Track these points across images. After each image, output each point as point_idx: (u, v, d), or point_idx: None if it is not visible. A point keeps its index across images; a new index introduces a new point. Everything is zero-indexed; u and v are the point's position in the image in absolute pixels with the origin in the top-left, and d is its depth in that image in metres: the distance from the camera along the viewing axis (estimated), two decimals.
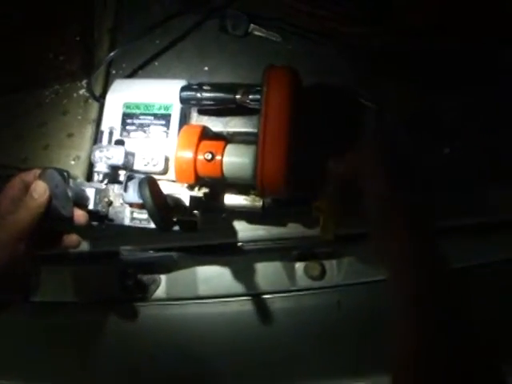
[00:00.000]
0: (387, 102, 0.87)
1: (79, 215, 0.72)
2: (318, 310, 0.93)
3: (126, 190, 0.73)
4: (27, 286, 0.80)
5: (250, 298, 0.95)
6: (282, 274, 0.94)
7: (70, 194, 0.72)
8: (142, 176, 0.74)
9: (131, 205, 0.75)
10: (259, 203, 0.79)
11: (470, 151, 0.84)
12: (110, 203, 0.76)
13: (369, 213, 0.66)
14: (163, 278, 0.98)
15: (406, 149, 0.80)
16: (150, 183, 0.66)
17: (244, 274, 0.94)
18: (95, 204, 0.75)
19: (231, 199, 0.80)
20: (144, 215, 0.75)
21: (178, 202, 0.74)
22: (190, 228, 0.76)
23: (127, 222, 0.76)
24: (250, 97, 0.76)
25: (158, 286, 0.97)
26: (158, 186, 0.69)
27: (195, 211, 0.75)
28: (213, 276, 0.95)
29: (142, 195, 0.65)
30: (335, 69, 0.89)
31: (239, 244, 0.88)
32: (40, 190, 0.66)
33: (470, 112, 0.85)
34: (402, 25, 0.85)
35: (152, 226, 0.74)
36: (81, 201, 0.73)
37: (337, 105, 0.87)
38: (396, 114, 0.86)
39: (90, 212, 0.75)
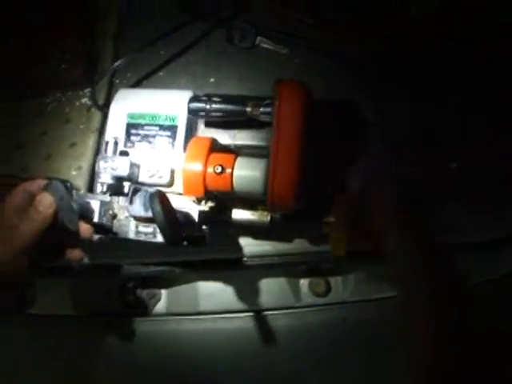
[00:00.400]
0: (392, 115, 0.86)
1: (84, 229, 0.70)
2: (322, 327, 0.91)
3: (131, 202, 0.71)
4: (24, 297, 0.78)
5: (253, 314, 0.93)
6: (287, 290, 0.93)
7: (74, 206, 0.70)
8: (148, 189, 0.72)
9: (136, 218, 0.73)
10: (267, 218, 0.77)
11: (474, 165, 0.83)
12: (114, 216, 0.74)
13: (379, 234, 0.66)
14: (164, 292, 0.96)
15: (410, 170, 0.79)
16: (160, 197, 0.64)
17: (247, 290, 0.92)
18: (100, 217, 0.73)
19: (238, 214, 0.78)
20: (149, 229, 0.73)
21: (186, 216, 0.72)
22: (198, 243, 0.74)
23: (132, 235, 0.74)
24: (261, 110, 0.75)
25: (158, 301, 0.95)
26: (168, 200, 0.67)
27: (204, 226, 0.74)
28: (215, 291, 0.93)
29: (152, 209, 0.63)
30: (342, 82, 0.88)
31: (244, 259, 0.86)
32: (46, 202, 0.64)
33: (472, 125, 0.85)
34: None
35: (157, 240, 0.72)
36: (85, 213, 0.71)
37: (343, 118, 0.86)
38: (399, 129, 0.86)
39: (94, 225, 0.73)
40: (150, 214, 0.69)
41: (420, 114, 0.86)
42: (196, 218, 0.72)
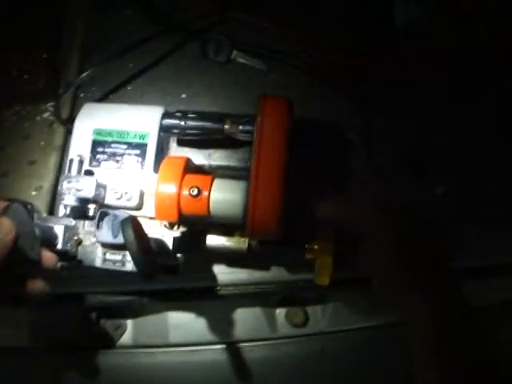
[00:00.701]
0: (379, 136, 0.83)
1: (48, 258, 0.63)
2: (300, 358, 0.86)
3: (98, 227, 0.65)
4: None
5: (226, 346, 0.86)
6: (262, 321, 0.87)
7: (36, 231, 0.63)
8: (117, 213, 0.66)
9: (104, 245, 0.67)
10: (244, 245, 0.72)
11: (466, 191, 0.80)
12: (79, 242, 0.68)
13: (372, 265, 0.62)
14: (130, 323, 0.88)
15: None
16: (133, 224, 0.58)
17: (220, 321, 0.86)
18: (64, 243, 0.66)
19: (213, 240, 0.72)
20: (118, 256, 0.66)
21: (160, 244, 0.66)
22: (171, 272, 0.68)
23: (99, 263, 0.67)
24: (240, 127, 0.70)
25: (123, 332, 0.88)
26: (141, 226, 0.61)
27: (178, 254, 0.68)
28: (185, 322, 0.86)
29: (125, 238, 0.57)
30: (322, 100, 0.85)
31: (217, 288, 0.80)
32: (5, 229, 0.57)
33: (467, 147, 0.82)
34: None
35: (127, 268, 0.66)
36: (48, 239, 0.65)
37: (324, 138, 0.82)
38: (388, 149, 0.82)
39: (57, 252, 0.66)
40: (118, 241, 0.63)
41: (410, 134, 0.82)
42: (170, 245, 0.67)
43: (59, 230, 0.66)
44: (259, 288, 0.80)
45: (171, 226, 0.68)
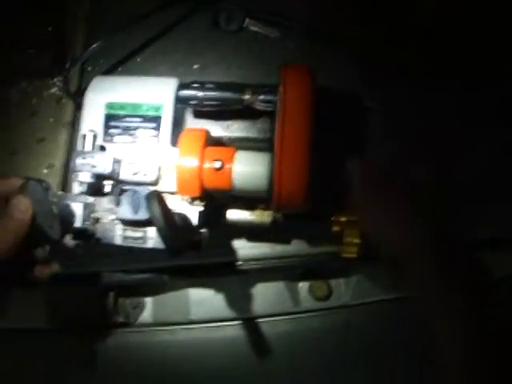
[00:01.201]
0: (396, 106, 0.80)
1: (41, 269, 0.61)
2: (324, 332, 0.85)
3: (118, 204, 0.63)
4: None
5: (248, 321, 0.85)
6: (285, 295, 0.85)
7: (54, 210, 0.60)
8: (136, 188, 0.64)
9: (123, 221, 0.64)
10: (268, 218, 0.70)
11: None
12: (97, 219, 0.66)
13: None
14: (149, 301, 0.87)
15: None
16: (158, 199, 0.55)
17: (241, 296, 0.85)
18: (82, 221, 0.64)
19: (235, 214, 0.70)
20: (138, 233, 0.64)
21: (184, 219, 0.63)
22: (194, 248, 0.66)
23: (118, 241, 0.65)
24: (261, 97, 0.67)
25: (142, 310, 0.87)
26: (165, 202, 0.59)
27: (203, 229, 0.66)
28: (206, 298, 0.85)
29: (151, 213, 0.54)
30: (338, 68, 0.82)
31: (239, 263, 0.79)
32: (22, 207, 0.55)
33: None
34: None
35: (148, 245, 0.64)
36: (66, 218, 0.62)
37: (344, 107, 0.79)
38: (405, 118, 0.80)
39: (75, 230, 0.64)
40: (139, 217, 0.61)
41: (428, 105, 0.80)
42: (194, 220, 0.64)
43: (77, 207, 0.64)
44: (282, 262, 0.79)
45: (193, 200, 0.66)
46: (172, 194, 0.66)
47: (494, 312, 0.53)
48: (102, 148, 0.70)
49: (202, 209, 0.65)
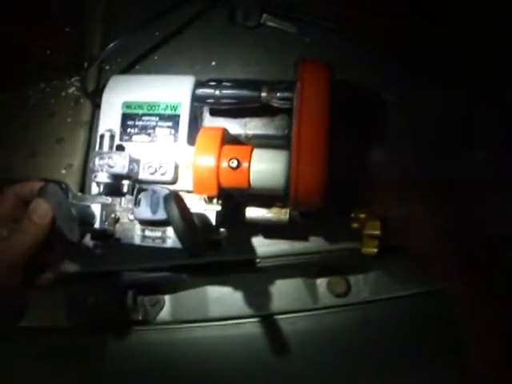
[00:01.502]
0: (414, 100, 0.79)
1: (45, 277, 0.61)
2: (343, 329, 0.84)
3: (136, 204, 0.63)
4: (19, 314, 0.69)
5: (267, 318, 0.85)
6: (303, 292, 0.85)
7: (73, 212, 0.61)
8: (155, 188, 0.64)
9: (142, 221, 0.65)
10: (285, 216, 0.70)
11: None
12: (116, 220, 0.66)
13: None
14: (167, 298, 0.87)
15: None
16: (176, 199, 0.55)
17: (260, 293, 0.85)
18: (101, 222, 0.64)
19: (253, 212, 0.70)
20: (157, 233, 0.65)
21: (203, 219, 0.63)
22: (213, 247, 0.66)
23: (138, 241, 0.65)
24: (278, 94, 0.67)
25: (161, 308, 0.87)
26: (184, 202, 0.59)
27: (221, 228, 0.66)
28: (225, 296, 0.85)
29: (169, 214, 0.54)
30: (356, 63, 0.81)
31: (257, 260, 0.79)
32: (41, 211, 0.55)
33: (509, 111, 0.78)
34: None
35: (167, 245, 0.64)
36: (85, 219, 0.63)
37: (364, 104, 0.79)
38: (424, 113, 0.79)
39: (94, 231, 0.64)
40: (158, 217, 0.62)
41: (448, 100, 0.79)
42: (213, 219, 0.64)
43: (96, 208, 0.64)
44: (300, 259, 0.79)
45: (210, 199, 0.66)
46: (190, 192, 0.67)
47: None
48: (121, 147, 0.70)
49: (219, 208, 0.65)
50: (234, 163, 0.63)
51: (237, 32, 0.83)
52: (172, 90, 0.72)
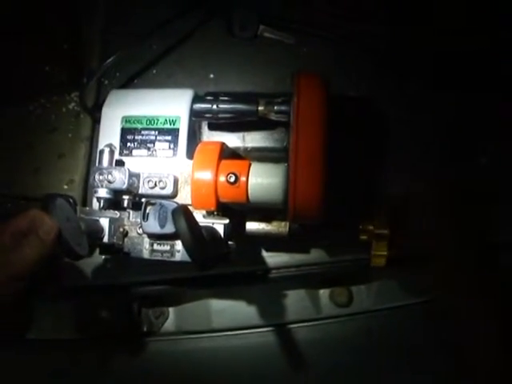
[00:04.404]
0: (417, 108, 0.79)
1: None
2: (346, 339, 0.85)
3: (145, 218, 0.63)
4: (23, 323, 0.69)
5: (269, 329, 0.85)
6: (306, 302, 0.85)
7: (82, 226, 0.61)
8: (163, 202, 0.64)
9: (150, 235, 0.65)
10: (285, 229, 0.70)
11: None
12: (125, 234, 0.66)
13: None
14: (172, 310, 0.88)
15: None
16: (185, 213, 0.55)
17: (263, 304, 0.85)
18: (110, 236, 0.65)
19: (253, 225, 0.70)
20: (166, 247, 0.65)
21: (211, 232, 0.63)
22: (222, 260, 0.66)
23: (146, 255, 0.66)
24: (275, 108, 0.67)
25: (165, 320, 0.88)
26: (192, 215, 0.58)
27: (230, 242, 0.66)
28: (228, 307, 0.85)
29: (178, 228, 0.54)
30: (355, 74, 0.81)
31: (259, 272, 0.79)
32: (46, 227, 0.56)
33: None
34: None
35: (176, 259, 0.65)
36: (94, 233, 0.63)
37: (358, 112, 0.79)
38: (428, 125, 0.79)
39: (103, 246, 0.65)
40: (166, 231, 0.62)
41: (448, 109, 0.78)
42: (222, 232, 0.65)
43: (105, 222, 0.65)
44: (301, 270, 0.79)
45: (208, 214, 0.66)
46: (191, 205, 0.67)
47: None
48: (120, 162, 0.70)
49: (228, 221, 0.65)
50: (232, 178, 0.63)
51: (234, 44, 0.83)
52: (170, 104, 0.72)
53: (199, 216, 0.65)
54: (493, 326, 0.55)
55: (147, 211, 0.64)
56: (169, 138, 0.71)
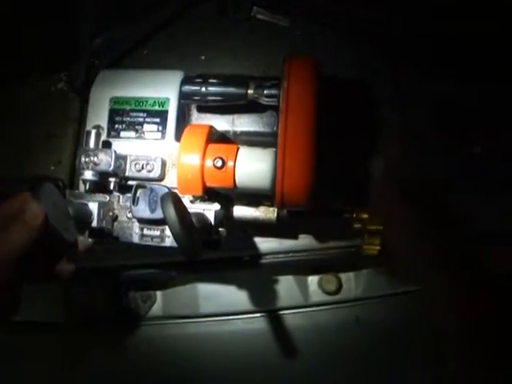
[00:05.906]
0: (409, 94, 0.78)
1: (62, 269, 0.60)
2: (334, 326, 0.84)
3: (135, 203, 0.62)
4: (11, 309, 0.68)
5: (257, 315, 0.85)
6: (294, 289, 0.85)
7: (70, 211, 0.60)
8: (154, 186, 0.63)
9: (140, 220, 0.64)
10: (273, 215, 0.69)
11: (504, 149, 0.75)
12: (114, 218, 0.65)
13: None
14: (159, 294, 0.88)
15: None
16: (173, 200, 0.54)
17: (251, 290, 0.84)
18: (99, 220, 0.63)
19: (241, 211, 0.69)
20: (156, 232, 0.64)
21: (201, 219, 0.62)
22: (211, 247, 0.65)
23: (136, 239, 0.65)
24: (265, 92, 0.65)
25: (153, 304, 0.87)
26: (181, 201, 0.56)
27: (220, 228, 0.65)
28: (216, 292, 0.85)
29: (166, 215, 0.53)
30: (349, 57, 0.79)
31: (247, 258, 0.78)
32: (32, 212, 0.54)
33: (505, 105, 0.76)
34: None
35: (166, 244, 0.64)
36: (83, 218, 0.62)
37: (355, 98, 0.77)
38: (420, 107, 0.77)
39: (91, 230, 0.64)
40: (156, 216, 0.61)
41: (442, 95, 0.77)
42: (212, 219, 0.63)
43: (93, 206, 0.63)
44: (290, 256, 0.78)
45: (195, 199, 0.65)
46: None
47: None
48: (107, 144, 0.69)
49: (218, 207, 0.64)
50: (219, 163, 0.62)
51: (227, 25, 0.82)
52: (160, 86, 0.71)
53: (186, 201, 0.64)
54: (469, 317, 0.55)
55: (137, 195, 0.63)
56: (157, 120, 0.70)
